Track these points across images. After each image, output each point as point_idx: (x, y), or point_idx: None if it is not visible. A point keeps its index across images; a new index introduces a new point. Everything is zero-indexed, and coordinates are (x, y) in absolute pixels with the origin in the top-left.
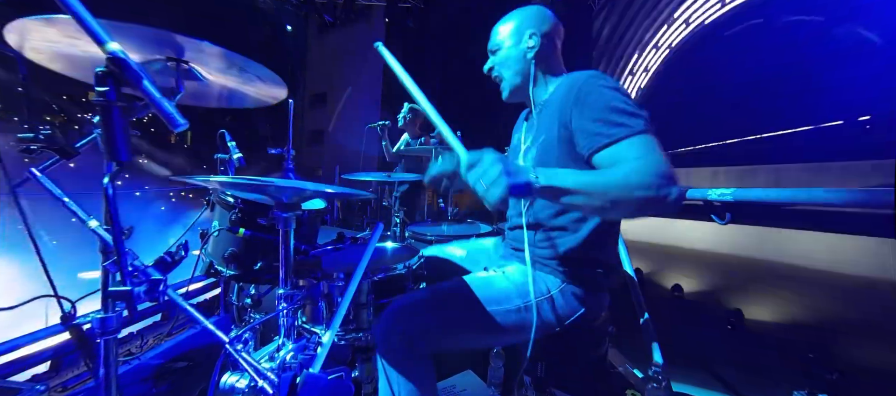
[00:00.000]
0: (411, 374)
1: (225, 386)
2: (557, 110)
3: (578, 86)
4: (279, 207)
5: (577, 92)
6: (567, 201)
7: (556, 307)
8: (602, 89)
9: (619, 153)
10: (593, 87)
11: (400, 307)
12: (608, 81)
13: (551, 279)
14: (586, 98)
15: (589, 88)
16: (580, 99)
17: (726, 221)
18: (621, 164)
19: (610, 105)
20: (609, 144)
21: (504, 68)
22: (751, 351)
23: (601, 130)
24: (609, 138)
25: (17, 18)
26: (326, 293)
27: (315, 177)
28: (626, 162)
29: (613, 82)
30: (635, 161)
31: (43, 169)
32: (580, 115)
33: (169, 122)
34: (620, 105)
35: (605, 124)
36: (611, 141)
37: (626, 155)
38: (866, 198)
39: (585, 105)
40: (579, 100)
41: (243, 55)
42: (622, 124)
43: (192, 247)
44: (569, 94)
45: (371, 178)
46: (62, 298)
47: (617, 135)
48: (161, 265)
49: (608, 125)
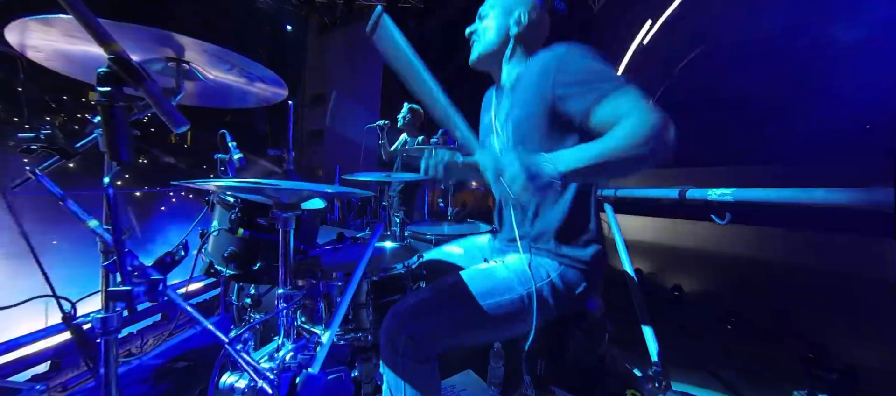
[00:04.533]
0: (418, 377)
1: (225, 386)
2: (536, 83)
3: (558, 57)
4: (279, 207)
5: (557, 62)
6: (591, 175)
7: (557, 290)
8: (582, 55)
9: (616, 105)
10: (573, 54)
11: (404, 310)
12: (585, 48)
13: (548, 262)
14: (568, 64)
15: (568, 56)
16: (561, 67)
17: (726, 221)
18: (621, 119)
19: (592, 66)
20: (601, 98)
21: (484, 33)
22: (751, 351)
23: (590, 87)
24: (600, 93)
25: (17, 18)
26: (325, 293)
27: (315, 177)
28: (625, 116)
29: (588, 49)
30: (633, 113)
31: (43, 169)
32: (565, 80)
33: (170, 122)
34: (601, 66)
35: (593, 83)
36: (603, 95)
37: (622, 107)
38: (866, 198)
39: (568, 71)
40: (560, 68)
41: (243, 55)
42: (609, 80)
43: (191, 247)
44: (548, 66)
45: (371, 178)
46: (62, 298)
47: (606, 89)
48: (161, 265)
49: (597, 83)
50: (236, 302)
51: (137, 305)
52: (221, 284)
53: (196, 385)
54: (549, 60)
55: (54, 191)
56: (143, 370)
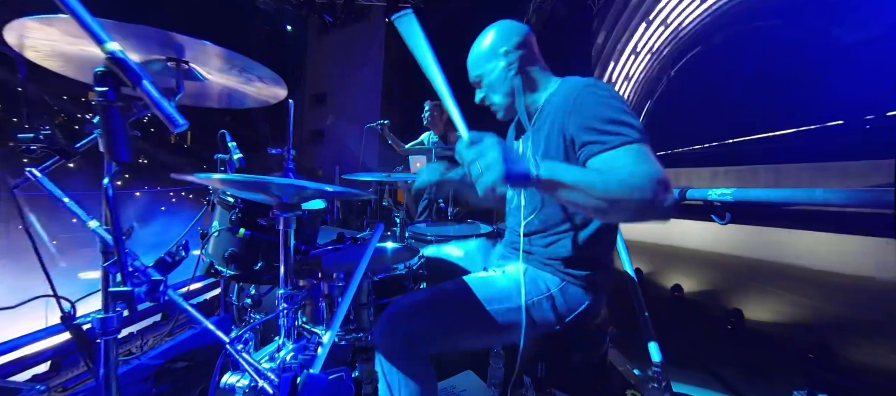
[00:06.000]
0: (413, 376)
1: (225, 386)
2: (556, 119)
3: (575, 95)
4: (279, 207)
5: (573, 101)
6: (565, 195)
7: (555, 306)
8: (598, 97)
9: (615, 160)
10: (589, 95)
11: (400, 309)
12: (604, 89)
13: (551, 277)
14: (582, 107)
15: (585, 97)
16: (576, 108)
17: (726, 221)
18: (619, 169)
19: (605, 114)
20: (604, 150)
21: (492, 94)
22: (751, 351)
23: (597, 137)
24: (603, 145)
25: (16, 18)
26: (326, 294)
27: (315, 177)
28: (623, 167)
29: (609, 90)
30: (633, 166)
31: (43, 169)
32: (576, 123)
33: (168, 122)
34: (616, 114)
35: (601, 132)
36: (606, 148)
37: (623, 162)
38: (866, 198)
39: (581, 114)
40: (576, 109)
41: (243, 55)
42: (617, 133)
43: (192, 247)
44: (566, 102)
45: (371, 178)
46: (62, 298)
47: (612, 142)
48: (161, 266)
49: (604, 133)
50: (236, 302)
51: (138, 305)
52: (221, 284)
53: (196, 385)
54: (569, 95)
55: (53, 191)
56: (143, 370)
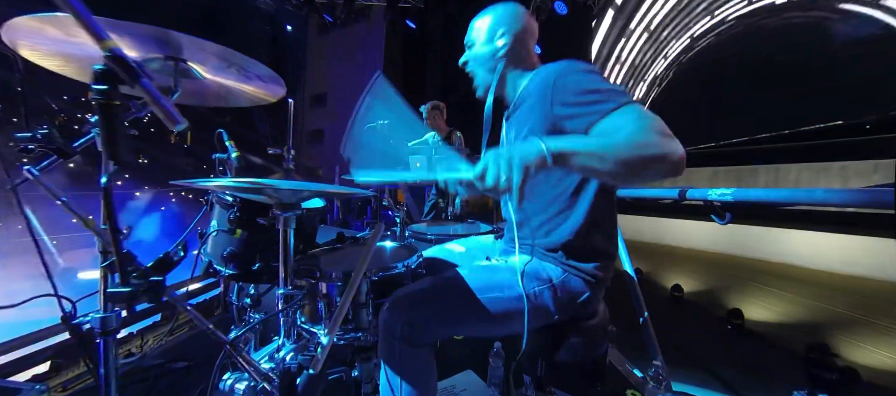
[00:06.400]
0: (413, 364)
1: (225, 386)
2: (538, 104)
3: (553, 78)
4: (278, 206)
5: (554, 81)
6: (581, 163)
7: (557, 295)
8: (580, 73)
9: (616, 122)
10: (571, 72)
11: (402, 297)
12: (581, 64)
13: (552, 267)
14: (567, 84)
15: (567, 75)
16: (560, 86)
17: (726, 221)
18: (623, 127)
19: (591, 86)
20: (603, 116)
21: (476, 66)
22: (751, 351)
23: (590, 109)
24: (600, 113)
25: (13, 16)
26: (326, 294)
27: (315, 177)
28: (626, 126)
29: (587, 64)
30: (635, 122)
31: (41, 169)
32: (562, 101)
33: (168, 120)
34: (601, 84)
35: (592, 103)
36: (604, 114)
37: (624, 121)
38: (866, 198)
39: (567, 91)
40: (559, 87)
41: (242, 54)
42: (609, 99)
43: (191, 247)
44: (546, 85)
45: None
46: (62, 298)
47: (607, 108)
48: (160, 266)
49: (596, 103)
50: (236, 302)
51: (137, 306)
52: (221, 284)
53: (196, 385)
54: (548, 79)
55: (53, 191)
56: (143, 370)
